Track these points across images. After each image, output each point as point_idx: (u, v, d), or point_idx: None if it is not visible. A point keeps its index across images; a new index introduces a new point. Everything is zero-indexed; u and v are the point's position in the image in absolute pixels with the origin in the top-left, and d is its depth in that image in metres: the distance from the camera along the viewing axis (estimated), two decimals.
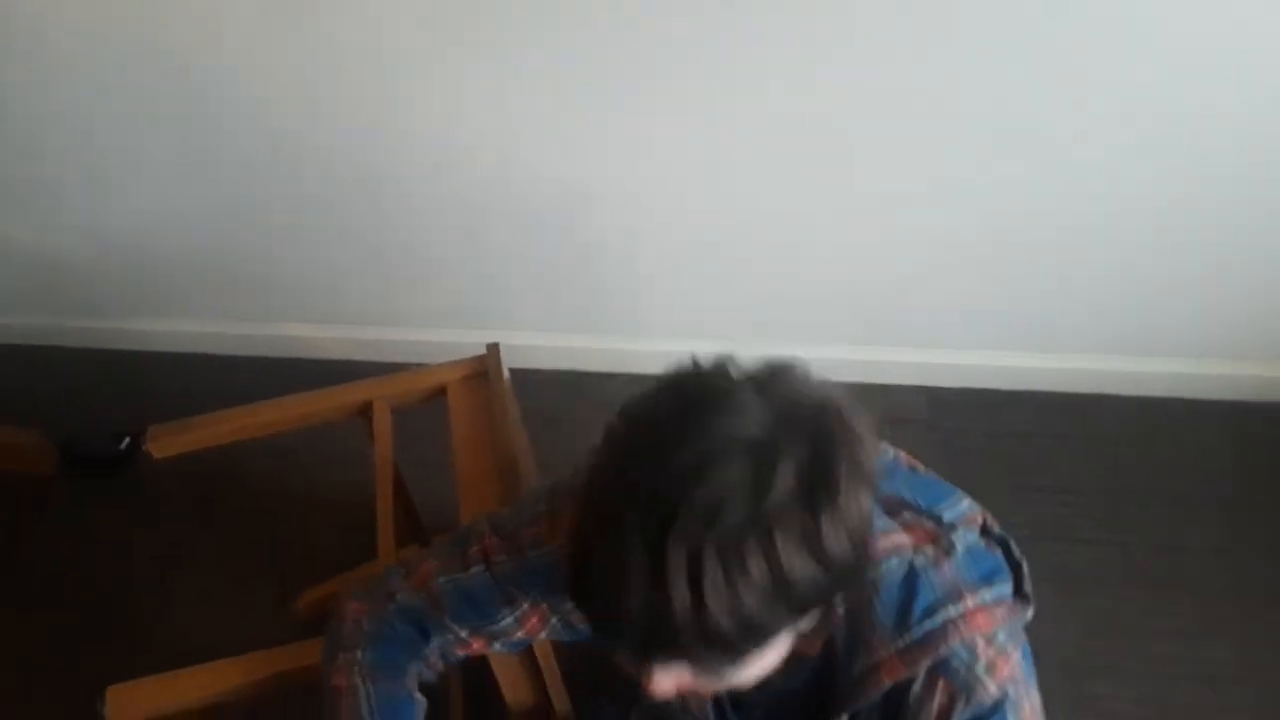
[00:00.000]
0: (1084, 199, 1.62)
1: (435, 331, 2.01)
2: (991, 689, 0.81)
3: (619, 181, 1.70)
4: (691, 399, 0.69)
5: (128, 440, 1.97)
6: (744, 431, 0.66)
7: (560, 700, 1.24)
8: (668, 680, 0.74)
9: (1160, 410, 1.89)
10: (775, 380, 0.70)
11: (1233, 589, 1.65)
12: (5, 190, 1.91)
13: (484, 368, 1.34)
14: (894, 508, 0.87)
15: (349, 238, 1.90)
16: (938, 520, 0.86)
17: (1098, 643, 1.60)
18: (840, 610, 0.82)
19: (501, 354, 1.36)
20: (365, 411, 1.37)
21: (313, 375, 1.49)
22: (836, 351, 1.94)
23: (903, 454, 0.92)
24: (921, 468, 0.91)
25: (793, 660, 0.85)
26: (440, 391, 1.34)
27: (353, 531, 1.71)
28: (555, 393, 1.99)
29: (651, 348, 1.96)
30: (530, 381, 1.68)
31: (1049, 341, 1.88)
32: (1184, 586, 1.66)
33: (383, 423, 1.33)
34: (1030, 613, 0.85)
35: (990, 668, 0.81)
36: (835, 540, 0.66)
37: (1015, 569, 0.86)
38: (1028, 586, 0.85)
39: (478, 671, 1.22)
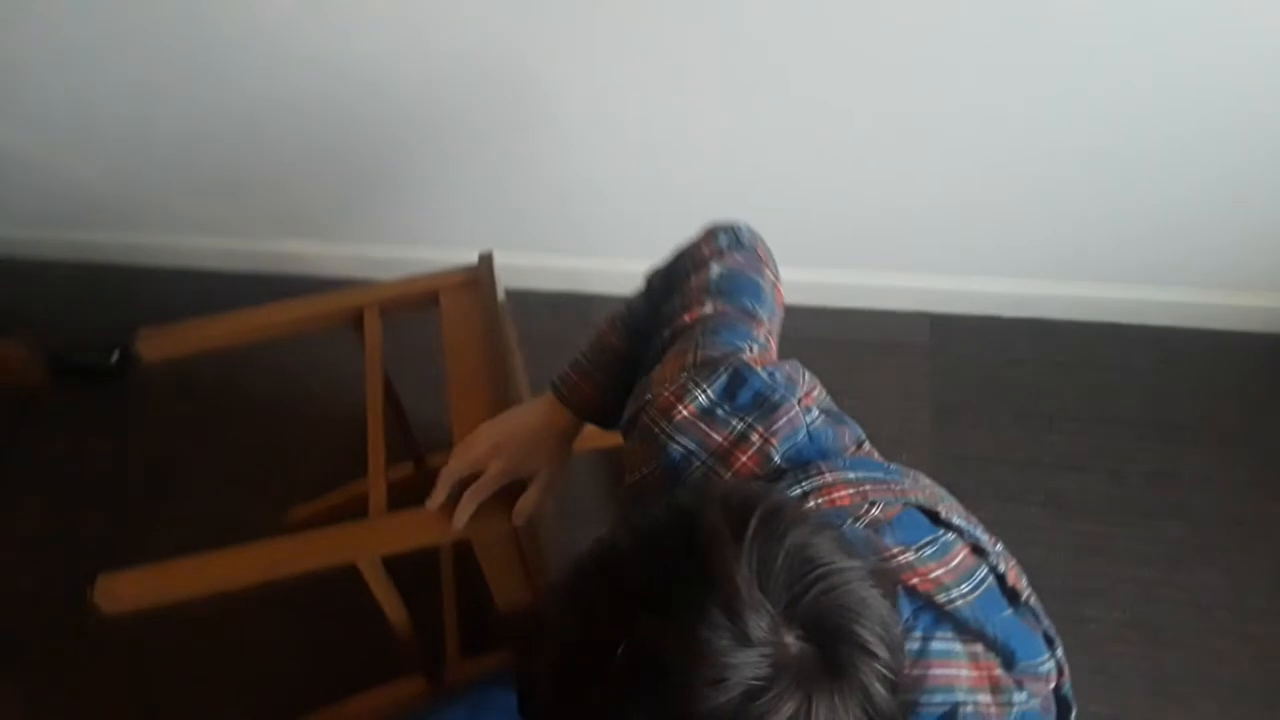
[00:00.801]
0: (1095, 124, 1.59)
1: (430, 249, 1.99)
2: None
3: (618, 97, 1.67)
4: (689, 595, 0.60)
5: (118, 353, 1.96)
6: (741, 672, 0.58)
7: None
8: None
9: (1161, 339, 1.88)
10: (781, 571, 0.60)
11: (1225, 518, 1.66)
12: None
13: (476, 277, 1.32)
14: (973, 637, 0.79)
15: (343, 152, 1.87)
16: (1008, 663, 0.78)
17: (1088, 566, 1.61)
18: None
19: (495, 266, 1.35)
20: (357, 321, 1.35)
21: (304, 292, 1.47)
22: (835, 275, 1.92)
23: (1012, 568, 0.84)
24: (1025, 590, 0.83)
25: None
26: (432, 299, 1.32)
27: (346, 447, 1.71)
28: (551, 315, 1.98)
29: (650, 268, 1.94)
30: (527, 303, 1.67)
31: (1053, 268, 1.86)
32: (1177, 514, 1.66)
33: (373, 330, 1.31)
34: None
35: None
36: None
37: None
38: None
39: (470, 575, 1.23)
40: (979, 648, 0.76)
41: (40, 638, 1.66)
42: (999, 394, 1.82)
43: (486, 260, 1.33)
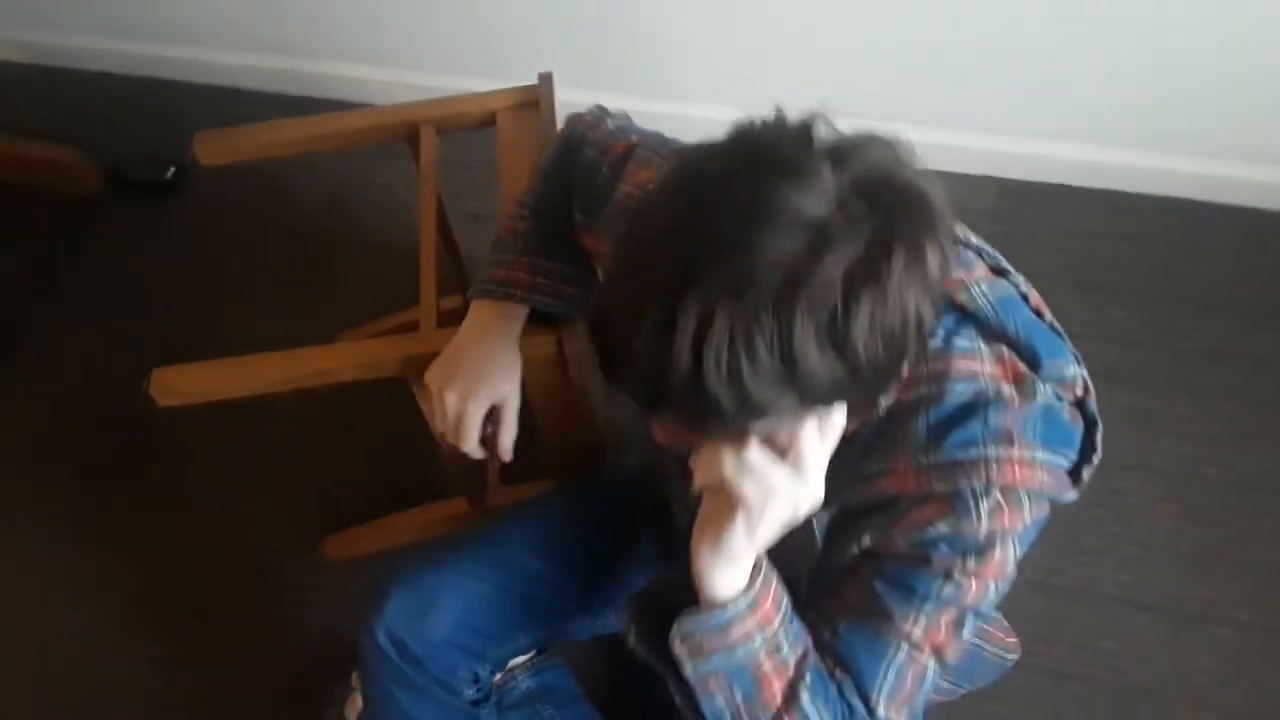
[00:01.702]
0: None
1: (493, 82, 1.94)
2: (981, 530, 0.77)
3: None
4: (759, 159, 0.63)
5: (173, 169, 1.96)
6: (805, 208, 0.60)
7: (595, 443, 1.26)
8: (664, 432, 0.72)
9: (1234, 218, 1.80)
10: (858, 155, 0.63)
11: (1278, 400, 1.62)
12: None
13: (536, 97, 1.28)
14: (996, 338, 0.80)
15: None
16: (1034, 364, 0.79)
17: (1132, 439, 1.59)
18: (883, 405, 0.77)
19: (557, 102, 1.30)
20: (413, 138, 1.33)
21: None
22: (900, 131, 1.85)
23: (1034, 294, 0.85)
24: (1048, 314, 0.84)
25: None
26: (489, 120, 1.30)
27: (395, 274, 1.71)
28: None
29: (702, 113, 1.88)
30: None
31: (1130, 137, 1.78)
32: (1230, 394, 1.63)
33: (428, 148, 1.29)
34: (1071, 496, 0.80)
35: (994, 511, 0.76)
36: (866, 341, 0.61)
37: (1084, 453, 0.80)
38: (1086, 475, 0.80)
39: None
40: (1002, 348, 0.78)
41: (93, 440, 1.72)
42: (1063, 264, 1.76)
43: (546, 80, 1.30)
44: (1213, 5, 1.52)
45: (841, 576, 0.86)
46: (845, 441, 0.78)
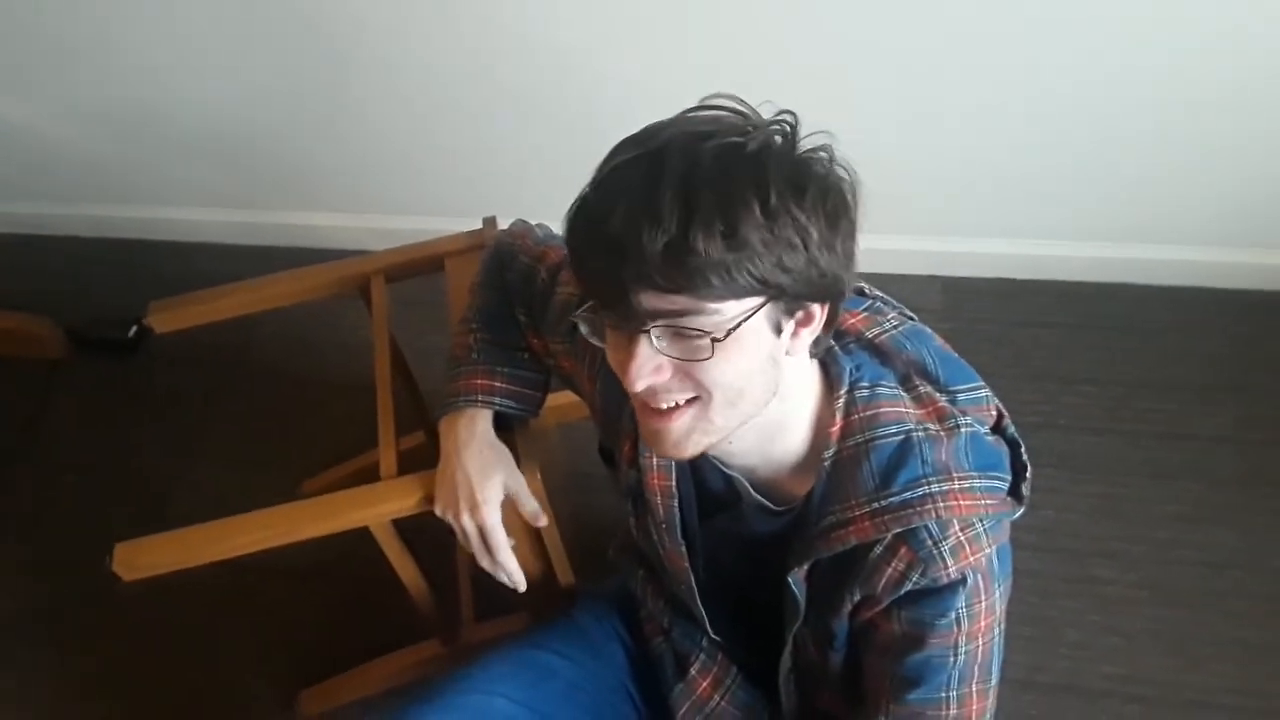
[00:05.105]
0: (1101, 83, 1.56)
1: (445, 220, 1.98)
2: (950, 569, 0.81)
3: (633, 58, 1.66)
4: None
5: (135, 327, 1.98)
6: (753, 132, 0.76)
7: (564, 573, 1.25)
8: (647, 364, 0.74)
9: (1176, 299, 1.85)
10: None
11: (1239, 477, 1.64)
12: (5, 71, 1.89)
13: (481, 240, 1.32)
14: (911, 374, 0.87)
15: (357, 122, 1.88)
16: (951, 399, 0.86)
17: (1101, 528, 1.60)
18: (819, 348, 0.82)
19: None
20: (365, 289, 1.36)
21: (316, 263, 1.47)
22: None
23: (938, 335, 0.93)
24: (952, 351, 0.91)
25: (777, 496, 0.88)
26: (438, 265, 1.33)
27: (359, 415, 1.72)
28: None
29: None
30: None
31: (1065, 229, 1.84)
32: (1191, 474, 1.65)
33: (380, 297, 1.32)
34: (1019, 513, 0.85)
35: (956, 550, 0.81)
36: (818, 224, 0.75)
37: (1018, 472, 0.85)
38: (1026, 490, 0.85)
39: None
40: (919, 390, 0.85)
41: (66, 605, 1.69)
42: (1014, 357, 1.80)
43: (490, 224, 1.34)
44: (1140, 98, 1.58)
45: (869, 681, 0.92)
46: (805, 506, 0.86)
